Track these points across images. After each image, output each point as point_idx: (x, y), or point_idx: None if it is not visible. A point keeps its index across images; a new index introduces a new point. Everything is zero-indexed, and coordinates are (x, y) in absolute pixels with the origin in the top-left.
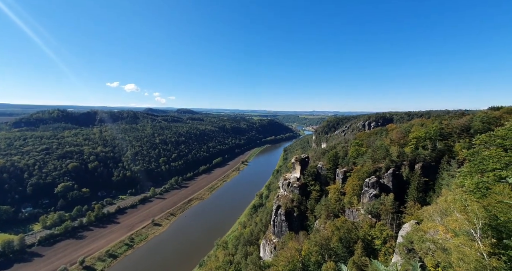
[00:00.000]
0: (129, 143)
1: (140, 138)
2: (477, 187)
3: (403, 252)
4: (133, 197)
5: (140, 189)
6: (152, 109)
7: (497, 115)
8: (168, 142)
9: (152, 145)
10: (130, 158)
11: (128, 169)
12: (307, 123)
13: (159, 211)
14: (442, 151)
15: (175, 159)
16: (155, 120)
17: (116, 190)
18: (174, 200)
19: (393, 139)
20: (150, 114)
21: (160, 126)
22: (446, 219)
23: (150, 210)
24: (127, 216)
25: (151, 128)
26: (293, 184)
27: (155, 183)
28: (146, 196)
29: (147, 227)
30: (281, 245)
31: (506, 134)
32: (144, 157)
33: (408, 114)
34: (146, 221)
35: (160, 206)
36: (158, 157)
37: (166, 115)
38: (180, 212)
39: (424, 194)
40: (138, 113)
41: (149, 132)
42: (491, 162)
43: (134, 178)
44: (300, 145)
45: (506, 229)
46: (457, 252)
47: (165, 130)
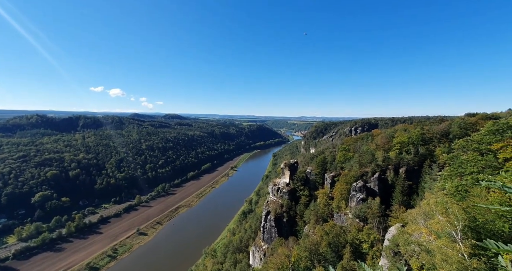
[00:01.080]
0: (114, 149)
1: (126, 144)
2: (456, 190)
3: (390, 255)
4: (117, 205)
5: (125, 197)
6: (139, 114)
7: (473, 121)
8: (155, 148)
9: (138, 151)
10: (115, 165)
11: (112, 176)
12: (296, 128)
13: (144, 220)
14: (424, 156)
15: (162, 165)
16: (142, 126)
17: (99, 198)
18: (161, 208)
19: (378, 144)
20: (136, 119)
21: (147, 132)
22: (429, 222)
23: (135, 219)
24: (110, 225)
25: (138, 134)
26: (283, 189)
27: (141, 190)
28: (131, 204)
29: (132, 236)
30: (270, 252)
31: (481, 139)
32: (129, 164)
33: (392, 119)
34: (130, 231)
35: (146, 214)
36: (144, 164)
37: (153, 121)
38: (167, 220)
39: (408, 197)
40: (123, 118)
41: (135, 138)
42: (469, 165)
43: (119, 186)
44: (289, 150)
45: (484, 230)
46: (440, 253)
47: (152, 136)
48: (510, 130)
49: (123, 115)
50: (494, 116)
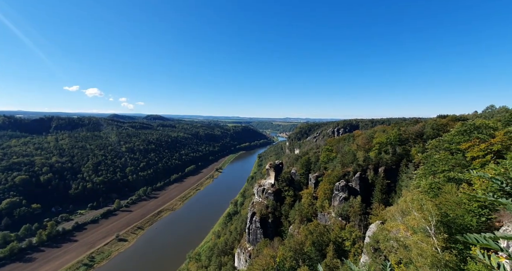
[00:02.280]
0: (91, 152)
1: (104, 147)
2: (430, 187)
3: (370, 252)
4: (94, 211)
5: (103, 202)
6: (118, 115)
7: (444, 122)
8: (136, 150)
9: (117, 154)
10: (92, 168)
11: (89, 180)
12: (281, 129)
13: (124, 225)
14: (401, 155)
15: (143, 168)
16: (121, 127)
17: (74, 204)
18: (142, 212)
19: (359, 145)
20: (115, 120)
21: (127, 134)
22: (406, 218)
23: (114, 224)
24: (86, 232)
25: (117, 136)
26: (268, 190)
27: (120, 194)
28: (110, 209)
29: (111, 243)
30: (256, 253)
31: (451, 139)
32: (108, 167)
33: (372, 121)
34: (109, 237)
35: (126, 219)
36: (124, 167)
37: (133, 122)
38: (148, 225)
39: (387, 195)
40: (101, 119)
41: (114, 140)
42: (441, 164)
43: (96, 190)
44: (274, 151)
45: (455, 225)
46: (416, 248)
47: (133, 138)
48: (476, 131)
49: (101, 116)
50: (463, 118)
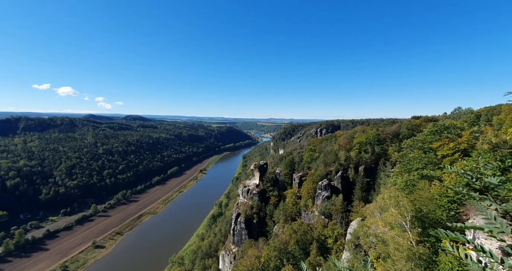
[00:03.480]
0: (64, 154)
1: (79, 149)
2: (406, 185)
3: (351, 248)
4: (67, 217)
5: (77, 208)
6: (95, 116)
7: (417, 123)
8: (114, 152)
9: (94, 156)
10: (65, 172)
11: (62, 185)
12: (265, 130)
13: (102, 231)
14: (380, 154)
15: (123, 170)
16: (98, 128)
17: (45, 210)
18: (121, 217)
19: (341, 145)
20: (92, 121)
21: (105, 135)
22: (384, 214)
23: (90, 230)
24: (59, 240)
25: (93, 137)
26: (253, 191)
27: (97, 199)
28: (85, 215)
29: (86, 250)
30: (241, 254)
31: (424, 139)
32: (83, 170)
33: (352, 121)
34: (85, 244)
35: (104, 225)
36: (101, 169)
37: (112, 122)
38: (128, 230)
39: (367, 193)
40: (76, 119)
41: (91, 141)
42: (415, 162)
43: (70, 195)
44: (258, 152)
45: (428, 219)
46: (393, 243)
47: (111, 139)
48: (446, 131)
49: (76, 116)
50: (434, 119)
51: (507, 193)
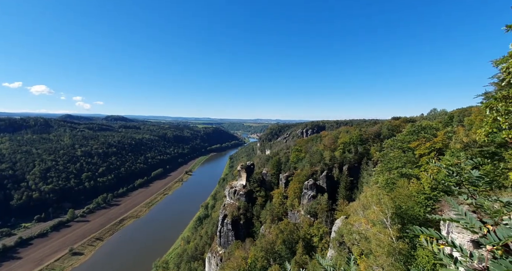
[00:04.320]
0: (38, 157)
1: (54, 151)
2: (387, 183)
3: (336, 246)
4: (42, 223)
5: (53, 213)
6: (72, 116)
7: (397, 123)
8: (93, 154)
9: (71, 159)
10: (39, 175)
11: (36, 189)
12: (252, 130)
13: (80, 237)
14: (362, 154)
15: (103, 173)
16: (76, 129)
17: (17, 217)
18: (101, 222)
19: (326, 145)
20: (69, 121)
21: (83, 136)
22: (367, 212)
23: (67, 237)
24: (33, 248)
25: (71, 138)
26: (239, 192)
27: (75, 203)
28: (62, 220)
29: (63, 258)
30: (227, 256)
31: (403, 139)
32: (59, 173)
33: (337, 122)
34: (61, 251)
35: (82, 230)
36: (79, 172)
37: (91, 123)
38: (109, 235)
39: (351, 191)
40: (51, 120)
41: (68, 143)
42: (395, 161)
43: (45, 200)
44: (245, 152)
45: (407, 216)
46: (375, 239)
47: (90, 140)
48: (423, 131)
49: (52, 116)
50: (412, 120)
51: (482, 188)
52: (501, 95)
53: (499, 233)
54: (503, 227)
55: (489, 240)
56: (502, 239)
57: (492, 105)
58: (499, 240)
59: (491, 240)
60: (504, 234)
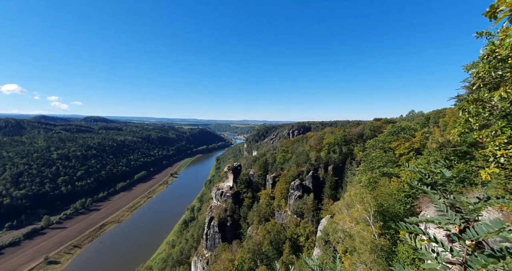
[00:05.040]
0: (9, 160)
1: (27, 154)
2: (369, 182)
3: (322, 245)
4: (13, 231)
5: (26, 220)
6: (47, 117)
7: (379, 124)
8: (71, 157)
9: (46, 162)
10: (10, 180)
11: (7, 195)
12: (239, 131)
13: (56, 245)
14: (346, 154)
15: (82, 177)
16: (52, 131)
17: None
18: (79, 228)
19: (312, 145)
20: (43, 122)
21: (60, 138)
22: (351, 210)
23: (42, 245)
24: (4, 257)
25: (45, 141)
26: (226, 193)
27: (50, 209)
28: (35, 228)
29: (38, 267)
30: (214, 259)
31: (384, 139)
32: (33, 178)
33: (322, 123)
34: (35, 260)
35: (59, 237)
36: (55, 177)
37: (68, 124)
38: (88, 242)
39: (336, 191)
40: (24, 121)
41: (42, 145)
42: (377, 161)
43: (17, 206)
44: (232, 153)
45: (388, 213)
46: (359, 237)
47: (68, 143)
48: (403, 132)
49: (24, 117)
50: (392, 121)
51: (453, 188)
52: (472, 98)
53: (478, 229)
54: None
55: (468, 236)
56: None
57: (464, 107)
58: (477, 236)
59: (470, 235)
60: (482, 230)
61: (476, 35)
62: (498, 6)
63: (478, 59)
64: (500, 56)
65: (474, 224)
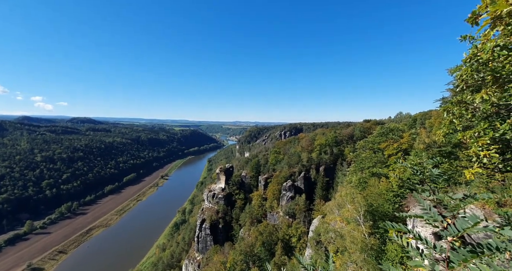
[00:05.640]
0: None
1: (9, 156)
2: (359, 182)
3: (313, 245)
4: None
5: (7, 225)
6: (31, 118)
7: (368, 126)
8: (56, 160)
9: (29, 165)
10: None
11: None
12: (231, 133)
13: (40, 251)
14: (337, 155)
15: (67, 180)
16: (36, 132)
17: None
18: (64, 233)
19: (303, 147)
20: (27, 124)
21: (44, 140)
22: (342, 211)
23: (25, 251)
24: None
25: (29, 143)
26: (218, 195)
27: (34, 214)
28: (18, 233)
29: None
30: (205, 262)
31: (373, 140)
32: (15, 181)
33: (313, 124)
34: (18, 267)
35: (43, 243)
36: (39, 180)
37: (53, 126)
38: (74, 247)
39: (327, 191)
40: (5, 122)
41: (25, 148)
42: (367, 161)
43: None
44: (224, 155)
45: (377, 213)
46: (349, 236)
47: (53, 145)
48: (391, 133)
49: (6, 118)
50: (381, 122)
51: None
52: (456, 100)
53: (458, 225)
54: (461, 220)
55: (449, 232)
56: (460, 231)
57: (449, 108)
58: (458, 232)
59: (451, 231)
60: (461, 226)
61: (460, 39)
62: (479, 13)
63: (462, 62)
64: (481, 59)
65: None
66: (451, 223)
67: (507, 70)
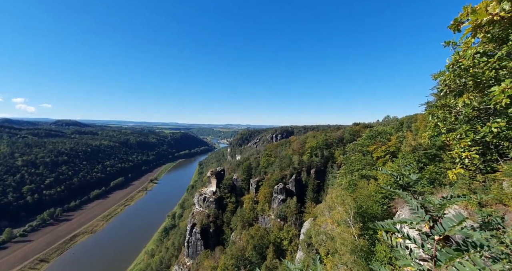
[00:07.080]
0: None
1: None
2: (349, 184)
3: (304, 248)
4: None
5: None
6: (12, 120)
7: (357, 129)
8: (39, 164)
9: (9, 169)
10: None
11: None
12: (222, 136)
13: (20, 260)
14: (328, 158)
15: (50, 185)
16: (17, 135)
17: None
18: (47, 241)
19: (295, 149)
20: (7, 126)
21: (26, 143)
22: (332, 213)
23: (4, 260)
24: None
25: (9, 146)
26: (209, 199)
27: (13, 221)
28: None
29: None
30: (196, 267)
31: (362, 143)
32: None
33: (304, 127)
34: None
35: (23, 252)
36: (20, 185)
37: (36, 128)
38: (56, 256)
39: (318, 194)
40: None
41: (5, 151)
42: (356, 164)
43: None
44: (215, 158)
45: (367, 214)
46: (340, 238)
47: (35, 148)
48: (380, 136)
49: None
50: (370, 125)
51: (421, 189)
52: (440, 103)
53: (444, 224)
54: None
55: (436, 231)
56: (446, 230)
57: (433, 112)
58: (444, 231)
59: (438, 231)
60: (445, 226)
61: (444, 44)
62: (461, 20)
63: (445, 67)
64: (463, 65)
65: (441, 220)
66: (439, 222)
67: (486, 76)
